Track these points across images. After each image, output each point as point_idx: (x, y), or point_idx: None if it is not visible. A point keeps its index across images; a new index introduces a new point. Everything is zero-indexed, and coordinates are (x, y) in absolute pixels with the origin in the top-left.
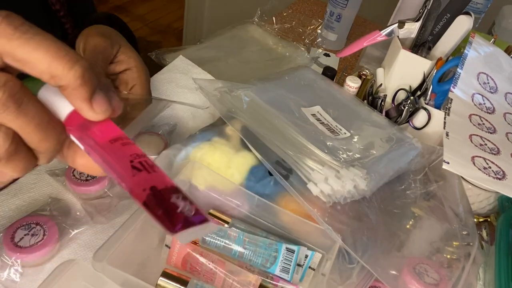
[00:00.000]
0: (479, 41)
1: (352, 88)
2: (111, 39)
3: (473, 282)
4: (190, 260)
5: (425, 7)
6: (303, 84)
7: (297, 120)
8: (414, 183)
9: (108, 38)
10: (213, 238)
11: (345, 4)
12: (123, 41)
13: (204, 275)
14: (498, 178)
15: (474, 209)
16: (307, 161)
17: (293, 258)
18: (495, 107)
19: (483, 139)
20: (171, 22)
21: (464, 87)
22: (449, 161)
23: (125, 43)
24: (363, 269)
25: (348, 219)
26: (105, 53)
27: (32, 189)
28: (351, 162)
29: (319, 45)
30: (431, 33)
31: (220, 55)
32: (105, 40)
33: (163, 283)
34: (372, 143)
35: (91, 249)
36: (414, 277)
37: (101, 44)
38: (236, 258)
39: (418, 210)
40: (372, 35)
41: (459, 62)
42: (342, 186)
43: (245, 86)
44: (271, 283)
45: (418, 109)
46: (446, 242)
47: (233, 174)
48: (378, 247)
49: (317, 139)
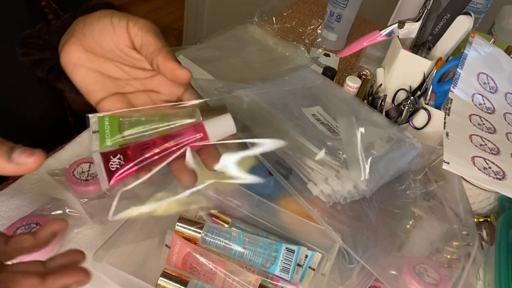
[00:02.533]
0: (479, 41)
1: (352, 88)
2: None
3: (473, 282)
4: (190, 260)
5: (425, 7)
6: (303, 84)
7: (297, 120)
8: (414, 183)
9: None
10: (213, 238)
11: (345, 4)
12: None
13: (204, 275)
14: (498, 178)
15: (474, 209)
16: (307, 161)
17: (293, 258)
18: (495, 107)
19: (483, 139)
20: (171, 22)
21: (464, 87)
22: (449, 161)
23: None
24: (363, 269)
25: (348, 219)
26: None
27: (32, 189)
28: None
29: (319, 45)
30: (431, 33)
31: (220, 55)
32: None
33: (163, 283)
34: (372, 143)
35: (91, 249)
36: (414, 277)
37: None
38: (236, 258)
39: (418, 210)
40: (372, 35)
41: (459, 62)
42: (342, 186)
43: (245, 86)
44: (271, 283)
45: (418, 109)
46: (446, 242)
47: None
48: (378, 247)
49: (317, 139)
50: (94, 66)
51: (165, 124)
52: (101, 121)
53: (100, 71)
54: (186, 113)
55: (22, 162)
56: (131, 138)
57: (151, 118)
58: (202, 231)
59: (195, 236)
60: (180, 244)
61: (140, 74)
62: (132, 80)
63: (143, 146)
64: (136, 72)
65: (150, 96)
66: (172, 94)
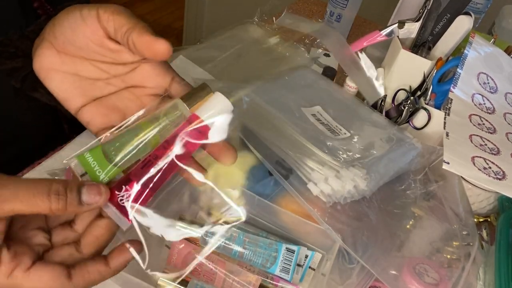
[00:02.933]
0: (479, 41)
1: (352, 88)
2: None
3: (473, 282)
4: (190, 260)
5: (425, 7)
6: (303, 84)
7: (297, 120)
8: (414, 183)
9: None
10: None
11: (345, 4)
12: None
13: (204, 275)
14: (498, 178)
15: (474, 209)
16: (307, 161)
17: (293, 258)
18: (495, 107)
19: (483, 139)
20: (171, 22)
21: (464, 87)
22: (449, 161)
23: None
24: (363, 269)
25: (348, 219)
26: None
27: None
28: (351, 162)
29: (319, 45)
30: (431, 33)
31: (220, 55)
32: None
33: (163, 283)
34: (372, 143)
35: None
36: (414, 277)
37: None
38: (236, 258)
39: (418, 210)
40: (372, 35)
41: (459, 62)
42: (342, 186)
43: (245, 86)
44: (271, 283)
45: (418, 109)
46: (446, 242)
47: (233, 174)
48: (378, 247)
49: (317, 139)
50: (70, 68)
51: (152, 128)
52: (82, 160)
53: (77, 74)
54: (168, 109)
55: (91, 201)
56: (125, 162)
57: (134, 131)
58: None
59: (195, 236)
60: (180, 244)
61: (120, 70)
62: (112, 78)
63: (145, 165)
64: (115, 69)
65: (134, 92)
66: (158, 86)
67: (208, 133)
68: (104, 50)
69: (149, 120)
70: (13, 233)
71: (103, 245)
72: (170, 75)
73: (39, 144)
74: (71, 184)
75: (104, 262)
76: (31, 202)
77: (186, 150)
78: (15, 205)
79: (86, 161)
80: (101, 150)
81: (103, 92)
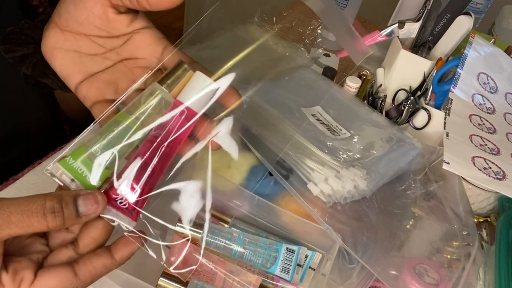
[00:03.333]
0: (479, 41)
1: (352, 88)
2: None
3: (473, 282)
4: (190, 261)
5: (425, 7)
6: (303, 84)
7: (297, 120)
8: (414, 183)
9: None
10: (214, 239)
11: (345, 4)
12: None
13: (204, 275)
14: (498, 178)
15: (474, 209)
16: (307, 161)
17: (293, 258)
18: (495, 107)
19: (483, 139)
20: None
21: (464, 87)
22: (449, 161)
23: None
24: (363, 269)
25: (348, 219)
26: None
27: (32, 189)
28: (351, 162)
29: (319, 45)
30: (431, 33)
31: (220, 55)
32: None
33: (163, 283)
34: (372, 143)
35: None
36: (414, 277)
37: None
38: (236, 258)
39: (418, 210)
40: (372, 35)
41: (459, 62)
42: (342, 186)
43: (245, 86)
44: (271, 283)
45: (418, 109)
46: (446, 242)
47: (233, 174)
48: (378, 247)
49: (317, 139)
50: (71, 45)
51: (132, 119)
52: (65, 166)
53: (77, 50)
54: (147, 95)
55: (89, 212)
56: (112, 162)
57: (115, 126)
58: (203, 231)
59: (195, 236)
60: (180, 244)
61: (115, 43)
62: (108, 52)
63: (136, 162)
64: (110, 42)
65: (127, 65)
66: (151, 56)
67: (196, 116)
68: (102, 21)
69: (129, 110)
70: (9, 245)
71: (101, 245)
72: (162, 44)
73: (39, 145)
74: (65, 198)
75: (109, 255)
76: (26, 224)
77: (177, 138)
78: (10, 230)
79: (70, 167)
80: (83, 151)
81: (100, 67)
